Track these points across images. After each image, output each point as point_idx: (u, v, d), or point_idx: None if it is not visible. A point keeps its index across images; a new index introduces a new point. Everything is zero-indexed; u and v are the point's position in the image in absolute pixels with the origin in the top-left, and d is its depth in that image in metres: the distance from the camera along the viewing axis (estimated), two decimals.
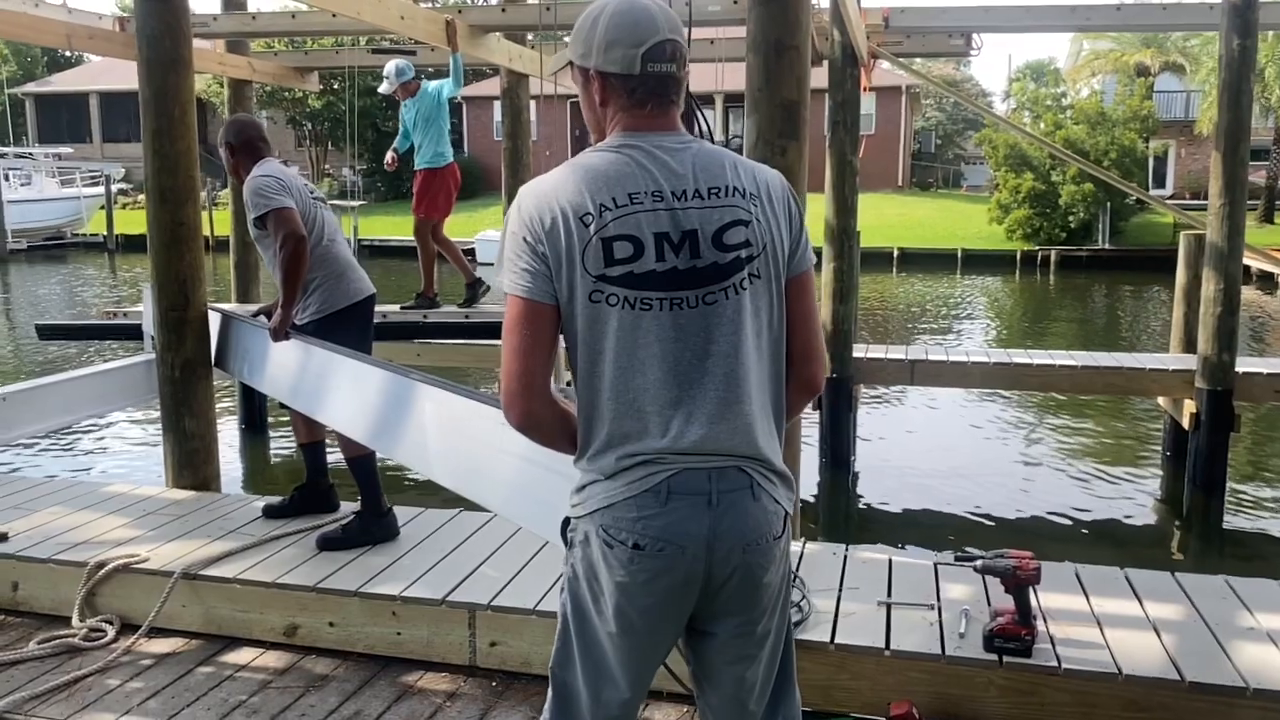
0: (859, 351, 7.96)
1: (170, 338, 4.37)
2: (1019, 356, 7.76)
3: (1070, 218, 24.77)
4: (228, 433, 8.96)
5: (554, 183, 1.71)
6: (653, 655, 1.80)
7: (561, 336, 1.74)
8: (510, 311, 1.70)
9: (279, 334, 3.85)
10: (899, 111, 32.66)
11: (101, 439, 8.92)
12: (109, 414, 8.03)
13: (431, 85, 7.13)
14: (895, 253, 26.01)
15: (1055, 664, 2.86)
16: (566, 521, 1.79)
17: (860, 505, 7.51)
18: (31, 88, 41.17)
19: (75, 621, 3.54)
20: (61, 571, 3.65)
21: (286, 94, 31.88)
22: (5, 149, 30.76)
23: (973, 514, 7.00)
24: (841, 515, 7.42)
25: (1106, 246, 25.05)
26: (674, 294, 1.67)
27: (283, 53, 9.41)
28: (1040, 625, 3.06)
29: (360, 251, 26.02)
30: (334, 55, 8.98)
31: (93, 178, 31.37)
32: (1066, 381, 7.54)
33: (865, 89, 7.88)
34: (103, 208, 29.88)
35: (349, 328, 3.95)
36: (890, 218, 29.24)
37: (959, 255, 25.65)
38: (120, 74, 32.95)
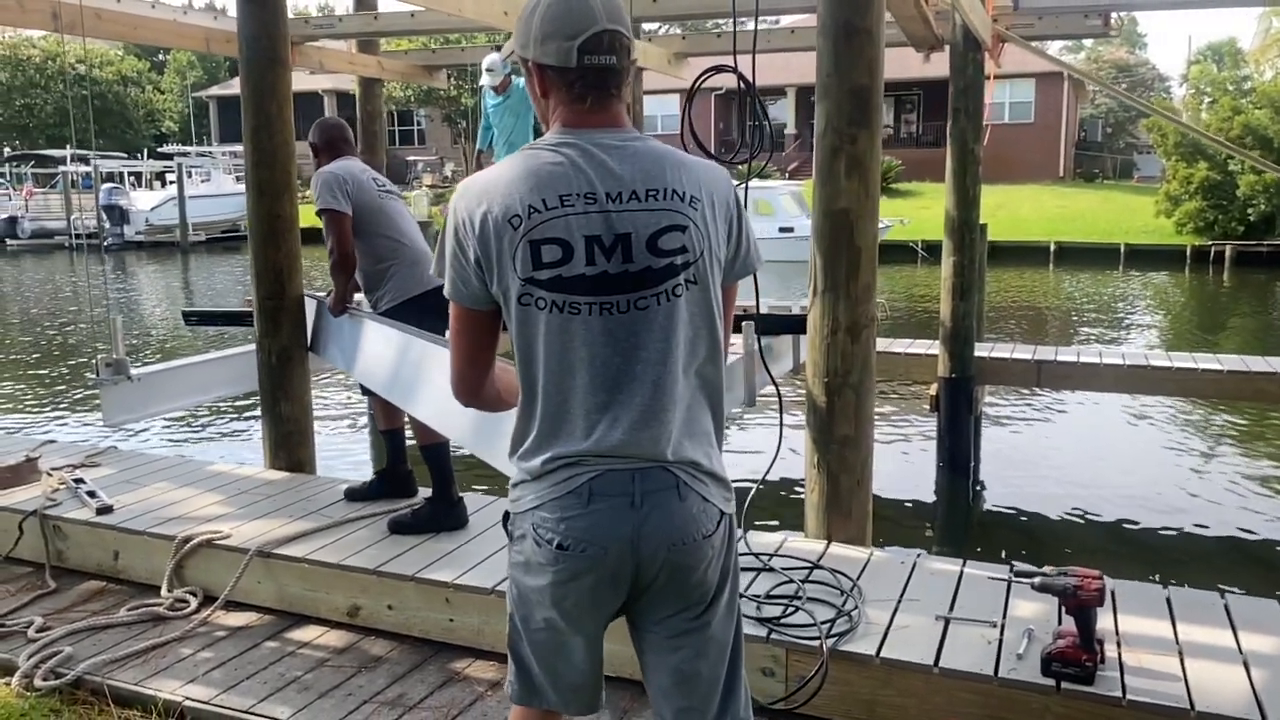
0: (982, 351, 7.59)
1: (267, 325, 4.58)
2: (1157, 359, 7.22)
3: (1249, 210, 22.92)
4: (360, 421, 9.35)
5: (486, 182, 1.70)
6: (593, 634, 1.82)
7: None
8: (451, 312, 1.78)
9: (333, 311, 4.37)
10: (1060, 99, 31.04)
11: (226, 419, 9.44)
12: (235, 396, 8.44)
13: (523, 81, 7.20)
14: (1052, 247, 24.77)
15: (1119, 694, 2.63)
16: (507, 515, 1.82)
17: (977, 513, 7.15)
18: (215, 90, 44.20)
19: (164, 591, 3.76)
20: (155, 543, 3.88)
21: (441, 93, 33.03)
22: (189, 149, 33.16)
23: (1104, 529, 6.52)
24: (957, 522, 7.09)
25: None
26: (604, 298, 1.66)
27: (413, 51, 9.74)
28: (1112, 651, 2.83)
29: None
30: (460, 53, 9.24)
31: None
32: (1210, 387, 6.97)
33: (991, 75, 7.49)
34: None
35: (427, 315, 4.05)
36: (1049, 210, 27.88)
37: (1121, 250, 24.17)
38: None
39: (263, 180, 4.47)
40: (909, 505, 7.10)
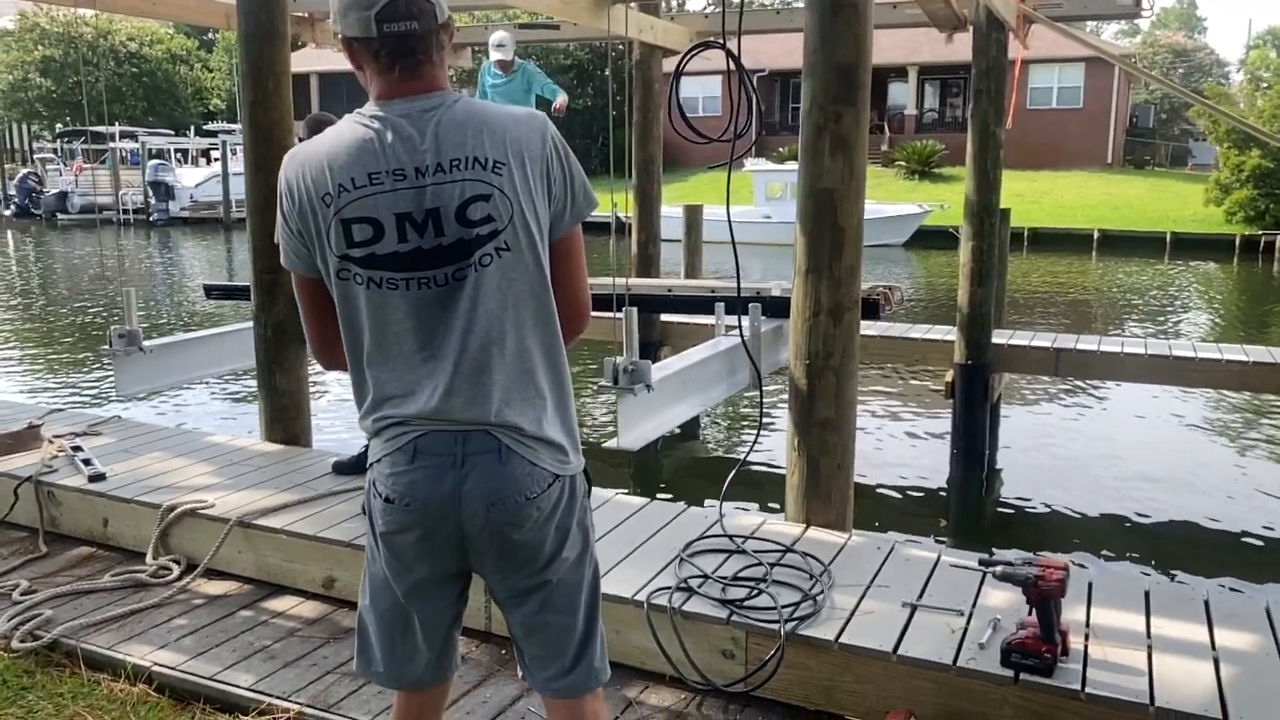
0: (1000, 338, 7.45)
1: (264, 299, 4.61)
2: (1180, 349, 7.04)
3: None
4: None
5: (306, 155, 1.74)
6: (430, 596, 1.85)
7: None
8: (293, 280, 1.85)
9: None
10: (1110, 84, 30.30)
11: (238, 391, 9.49)
12: (247, 369, 8.48)
13: (531, 65, 7.16)
14: (1096, 235, 24.28)
15: (1078, 687, 2.56)
16: (365, 470, 1.90)
17: (990, 502, 7.04)
18: None
19: (149, 559, 3.81)
20: (142, 511, 3.94)
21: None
22: (233, 126, 33.54)
23: (1118, 521, 6.34)
24: (969, 510, 6.98)
25: None
26: (421, 273, 1.70)
27: None
28: (1079, 643, 2.76)
29: None
30: (484, 31, 9.22)
31: None
32: (1235, 379, 6.78)
33: (1019, 58, 7.33)
34: None
35: None
36: (1095, 197, 27.33)
37: (1167, 239, 23.61)
38: (335, 57, 35.12)
39: (259, 155, 4.49)
40: (921, 492, 7.00)
